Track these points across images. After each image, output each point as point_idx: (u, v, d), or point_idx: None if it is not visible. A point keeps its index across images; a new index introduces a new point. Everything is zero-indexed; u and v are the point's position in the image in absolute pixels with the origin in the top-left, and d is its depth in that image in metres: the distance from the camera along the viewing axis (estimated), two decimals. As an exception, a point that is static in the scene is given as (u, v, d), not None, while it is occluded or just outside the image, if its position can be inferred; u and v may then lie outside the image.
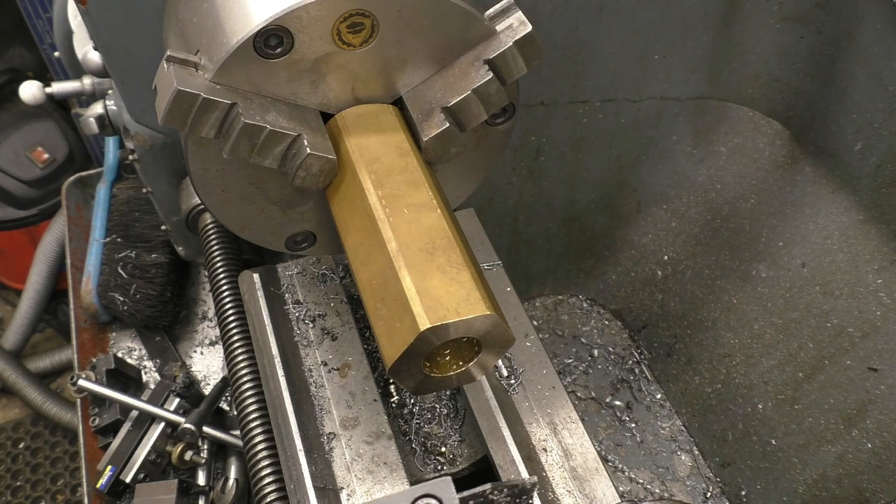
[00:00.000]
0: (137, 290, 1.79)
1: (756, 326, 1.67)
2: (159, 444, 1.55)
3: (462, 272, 0.82)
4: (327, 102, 0.94)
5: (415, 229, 0.85)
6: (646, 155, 1.81)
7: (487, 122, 1.00)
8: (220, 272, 1.47)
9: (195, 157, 0.92)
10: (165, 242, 1.84)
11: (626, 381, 1.94)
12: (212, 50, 0.85)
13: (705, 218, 1.79)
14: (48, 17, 2.72)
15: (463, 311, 0.79)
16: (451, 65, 0.94)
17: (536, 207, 1.90)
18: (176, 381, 1.66)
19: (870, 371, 1.45)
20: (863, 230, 1.49)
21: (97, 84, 1.75)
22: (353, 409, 1.12)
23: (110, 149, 1.95)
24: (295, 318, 1.23)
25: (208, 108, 0.83)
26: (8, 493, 2.93)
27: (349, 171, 0.91)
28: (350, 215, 0.91)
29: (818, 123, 1.54)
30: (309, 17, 0.84)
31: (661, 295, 1.91)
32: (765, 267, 1.66)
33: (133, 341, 1.88)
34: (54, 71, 2.89)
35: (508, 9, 0.92)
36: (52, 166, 2.99)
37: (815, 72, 1.51)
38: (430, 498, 0.67)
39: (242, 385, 1.28)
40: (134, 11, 1.17)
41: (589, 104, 1.69)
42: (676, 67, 1.63)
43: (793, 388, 1.59)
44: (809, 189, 1.58)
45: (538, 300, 2.11)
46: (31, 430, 3.11)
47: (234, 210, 1.00)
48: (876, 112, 1.40)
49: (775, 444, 1.61)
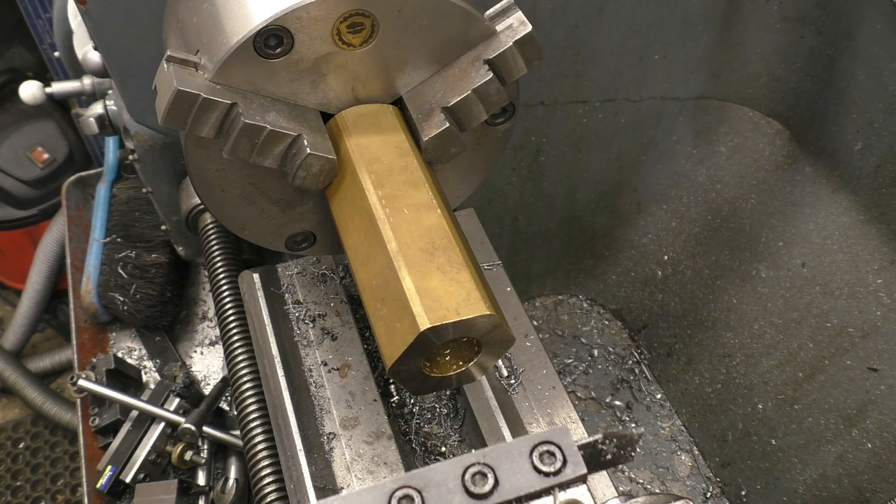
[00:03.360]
0: (137, 290, 1.79)
1: (756, 326, 1.67)
2: (159, 444, 1.55)
3: (462, 272, 0.82)
4: (327, 102, 0.94)
5: (415, 229, 0.85)
6: (646, 155, 1.81)
7: (487, 122, 1.00)
8: (220, 272, 1.47)
9: (195, 157, 0.92)
10: (165, 242, 1.84)
11: (626, 381, 1.94)
12: (212, 50, 0.85)
13: (705, 218, 1.79)
14: (48, 17, 2.72)
15: (463, 311, 0.79)
16: (451, 65, 0.94)
17: (536, 207, 1.90)
18: (176, 381, 1.66)
19: (870, 371, 1.45)
20: (863, 230, 1.49)
21: (97, 84, 1.75)
22: (353, 409, 1.12)
23: (110, 149, 1.95)
24: (295, 318, 1.23)
25: (208, 108, 0.83)
26: (8, 493, 2.93)
27: (349, 171, 0.91)
28: (350, 215, 0.91)
29: (818, 123, 1.54)
30: (309, 17, 0.84)
31: (661, 295, 1.91)
32: (765, 267, 1.66)
33: (133, 341, 1.88)
34: (54, 71, 2.89)
35: (508, 9, 0.92)
36: (52, 166, 2.98)
37: (815, 72, 1.51)
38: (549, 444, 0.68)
39: (242, 385, 1.28)
40: (134, 11, 1.17)
41: (589, 104, 1.68)
42: (676, 67, 1.63)
43: (793, 388, 1.59)
44: (809, 189, 1.58)
45: (538, 300, 2.11)
46: (31, 430, 3.11)
47: (234, 210, 1.00)
48: (876, 112, 1.40)
49: (775, 444, 1.61)
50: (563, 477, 0.67)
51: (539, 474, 0.67)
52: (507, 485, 0.66)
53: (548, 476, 0.67)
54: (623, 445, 0.74)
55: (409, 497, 0.65)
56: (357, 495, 0.66)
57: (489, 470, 0.66)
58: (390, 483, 0.66)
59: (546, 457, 0.68)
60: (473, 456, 0.68)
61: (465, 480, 0.66)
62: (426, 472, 0.67)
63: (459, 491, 0.66)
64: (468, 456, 0.68)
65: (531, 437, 0.69)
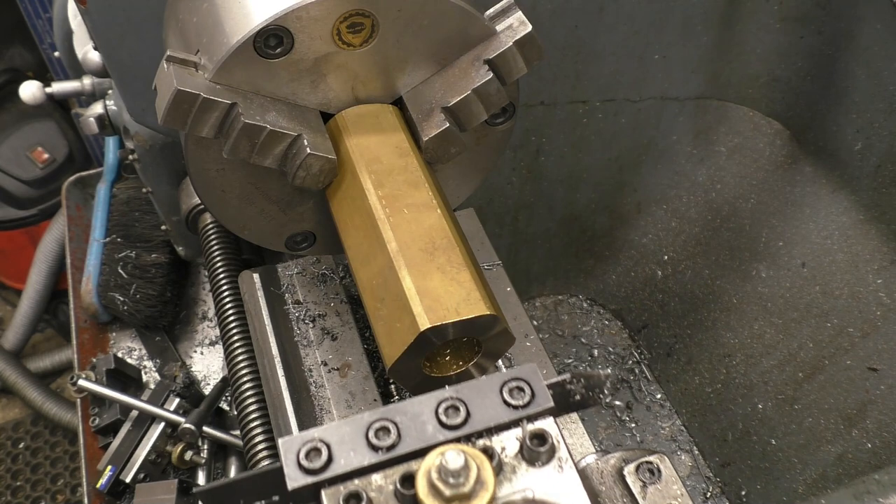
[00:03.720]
0: (137, 289, 1.79)
1: (756, 326, 1.67)
2: (159, 444, 1.55)
3: (462, 272, 0.82)
4: (327, 102, 0.94)
5: (415, 229, 0.85)
6: (646, 155, 1.81)
7: (487, 122, 1.00)
8: (220, 272, 1.47)
9: (195, 157, 0.92)
10: (165, 242, 1.84)
11: (626, 381, 1.94)
12: (212, 50, 0.85)
13: (705, 218, 1.79)
14: (48, 17, 2.72)
15: (463, 311, 0.79)
16: (451, 65, 0.94)
17: (536, 207, 1.90)
18: (176, 381, 1.66)
19: (870, 371, 1.45)
20: (863, 230, 1.49)
21: (97, 84, 1.75)
22: (353, 409, 1.12)
23: (110, 149, 1.95)
24: (295, 318, 1.23)
25: (208, 108, 0.83)
26: (8, 493, 2.93)
27: (349, 171, 0.91)
28: (350, 215, 0.91)
29: (818, 123, 1.54)
30: (309, 17, 0.84)
31: (661, 295, 1.91)
32: (765, 267, 1.66)
33: (133, 341, 1.88)
34: (54, 71, 2.89)
35: (508, 9, 0.92)
36: (52, 166, 2.98)
37: (815, 72, 1.51)
38: (519, 381, 0.72)
39: (242, 385, 1.28)
40: (134, 11, 1.17)
41: (589, 104, 1.68)
42: (676, 67, 1.63)
43: (793, 388, 1.59)
44: (809, 189, 1.59)
45: (538, 300, 2.11)
46: (32, 430, 3.11)
47: (234, 210, 1.00)
48: (876, 112, 1.40)
49: (775, 444, 1.61)
50: (532, 409, 0.71)
51: (508, 407, 0.70)
52: (478, 416, 0.70)
53: (517, 409, 0.70)
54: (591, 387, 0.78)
55: (386, 429, 0.69)
56: (336, 426, 0.70)
57: (461, 403, 0.70)
58: (368, 416, 0.70)
59: (515, 392, 0.71)
60: (446, 391, 0.71)
61: (438, 413, 0.70)
62: (401, 405, 0.71)
63: (433, 422, 0.70)
64: (441, 391, 0.71)
65: (501, 374, 0.73)
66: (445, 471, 0.64)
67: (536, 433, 0.70)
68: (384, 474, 0.69)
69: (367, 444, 0.69)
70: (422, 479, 0.65)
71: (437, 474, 0.64)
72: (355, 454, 0.69)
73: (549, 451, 0.69)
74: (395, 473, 0.68)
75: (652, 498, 0.84)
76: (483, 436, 0.70)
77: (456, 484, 0.64)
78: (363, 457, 0.68)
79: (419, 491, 0.65)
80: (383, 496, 0.68)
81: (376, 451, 0.69)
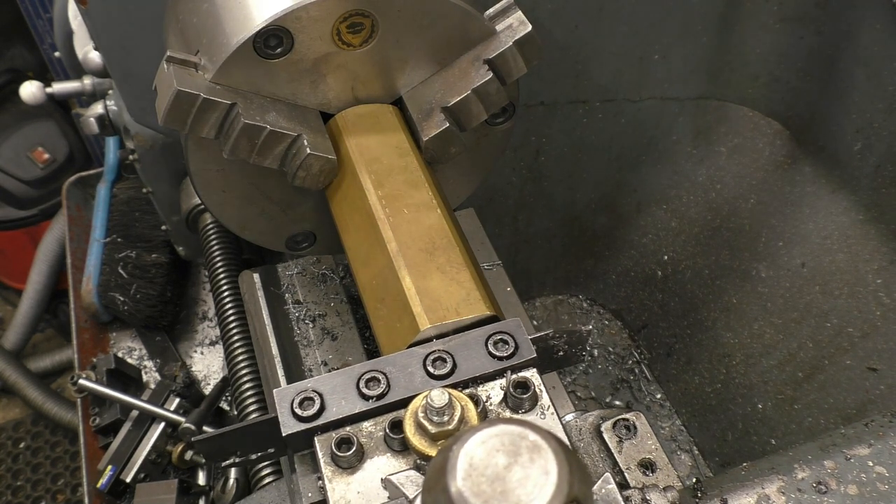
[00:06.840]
0: (138, 289, 1.79)
1: (756, 326, 1.67)
2: (159, 443, 1.56)
3: (462, 272, 0.82)
4: (327, 102, 0.94)
5: (415, 229, 0.85)
6: (646, 155, 1.81)
7: (487, 121, 1.00)
8: (221, 272, 1.48)
9: (195, 158, 0.92)
10: (165, 242, 1.84)
11: (626, 381, 1.94)
12: (212, 50, 0.85)
13: (705, 218, 1.79)
14: (48, 17, 2.72)
15: (463, 310, 0.79)
16: (450, 65, 0.94)
17: (536, 207, 1.90)
18: (176, 381, 1.66)
19: (870, 371, 1.45)
20: (863, 230, 1.49)
21: (97, 84, 1.75)
22: (353, 408, 1.12)
23: (110, 149, 1.96)
24: (295, 318, 1.23)
25: (208, 109, 0.84)
26: (8, 493, 2.93)
27: (349, 171, 0.92)
28: (350, 215, 0.91)
29: (818, 123, 1.54)
30: (309, 17, 0.84)
31: (661, 295, 1.91)
32: (765, 267, 1.66)
33: (133, 341, 1.88)
34: (54, 71, 2.89)
35: (508, 9, 0.92)
36: (53, 166, 2.98)
37: (815, 72, 1.51)
38: (503, 334, 0.76)
39: (242, 385, 1.28)
40: (134, 11, 1.18)
41: (589, 104, 1.68)
42: (676, 67, 1.63)
43: (793, 388, 1.59)
44: (809, 189, 1.59)
45: (538, 300, 2.11)
46: (32, 430, 3.11)
47: (234, 210, 1.00)
48: (876, 112, 1.40)
49: (775, 443, 1.61)
50: (515, 360, 0.75)
51: (493, 358, 0.75)
52: (464, 367, 0.74)
53: (501, 360, 0.75)
54: (573, 343, 0.82)
55: (376, 379, 0.73)
56: (328, 377, 0.74)
57: (448, 356, 0.74)
58: (359, 367, 0.74)
59: (500, 344, 0.76)
60: (434, 344, 0.75)
61: (426, 364, 0.74)
62: (390, 357, 0.75)
63: (421, 373, 0.74)
64: (429, 344, 0.75)
65: (486, 328, 0.77)
66: (431, 409, 0.67)
67: (520, 382, 0.74)
68: (374, 421, 0.72)
69: (357, 394, 0.73)
70: (409, 419, 0.69)
71: (423, 413, 0.68)
72: (346, 402, 0.72)
73: (531, 398, 0.73)
74: (385, 420, 0.72)
75: (628, 452, 0.89)
76: (469, 385, 0.74)
77: (440, 422, 0.67)
78: (354, 405, 0.72)
79: (406, 430, 0.69)
80: (373, 441, 0.71)
81: (367, 400, 0.72)
